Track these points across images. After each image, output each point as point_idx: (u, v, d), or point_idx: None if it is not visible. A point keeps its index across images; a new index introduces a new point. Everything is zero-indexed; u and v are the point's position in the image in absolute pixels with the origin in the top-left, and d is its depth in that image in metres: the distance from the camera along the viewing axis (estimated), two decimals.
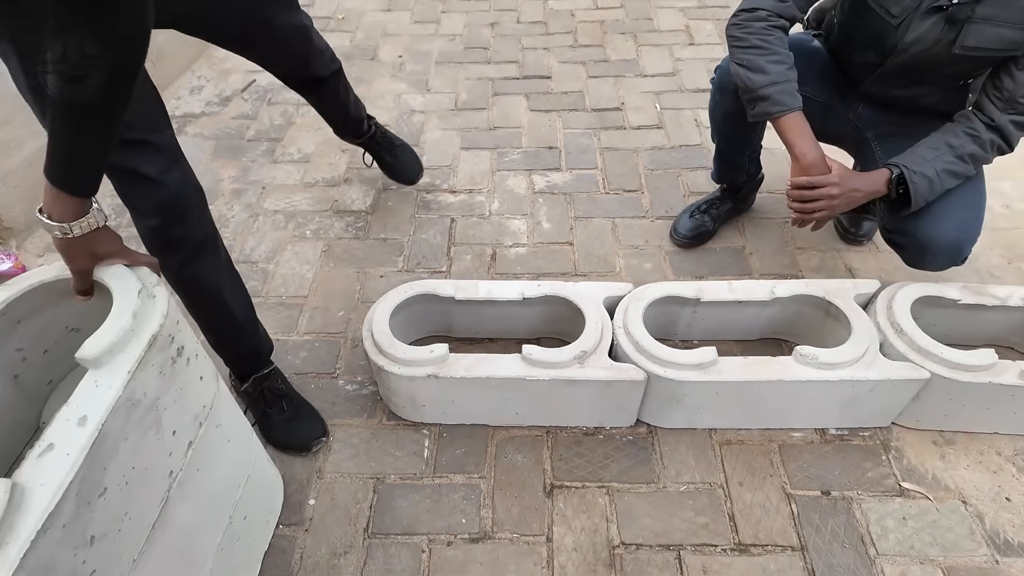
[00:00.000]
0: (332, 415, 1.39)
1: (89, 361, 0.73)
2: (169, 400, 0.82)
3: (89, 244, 0.80)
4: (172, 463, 0.85)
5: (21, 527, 0.61)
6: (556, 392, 1.26)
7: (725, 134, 1.56)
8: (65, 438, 0.68)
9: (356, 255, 1.75)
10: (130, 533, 0.78)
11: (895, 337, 1.27)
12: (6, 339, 0.89)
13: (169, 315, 0.81)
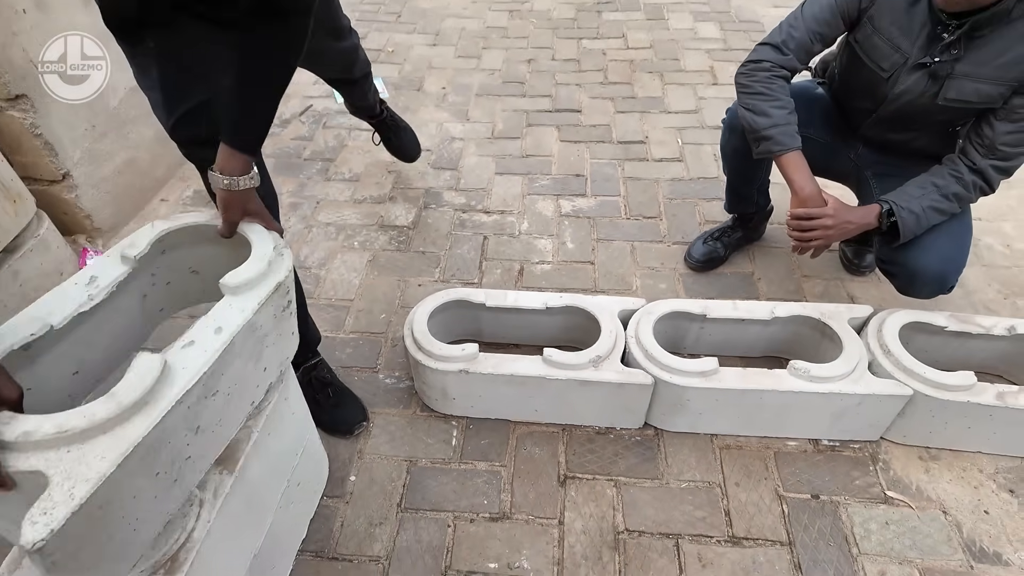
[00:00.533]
0: (372, 404, 1.56)
1: (229, 288, 0.89)
2: (271, 340, 0.98)
3: (244, 200, 0.98)
4: (256, 394, 1.01)
5: (164, 395, 0.75)
6: (572, 391, 1.41)
7: (735, 168, 1.72)
8: (204, 339, 0.83)
9: (398, 265, 1.94)
10: (217, 439, 0.92)
11: (883, 357, 1.40)
12: (150, 263, 1.02)
13: (291, 273, 0.97)
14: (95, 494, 0.67)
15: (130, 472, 0.72)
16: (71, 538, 0.66)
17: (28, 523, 0.62)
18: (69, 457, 0.68)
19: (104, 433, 0.71)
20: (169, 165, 2.25)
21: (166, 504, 0.84)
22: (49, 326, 0.86)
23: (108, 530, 0.73)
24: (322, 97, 2.75)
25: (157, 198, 2.19)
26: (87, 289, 0.92)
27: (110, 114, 1.94)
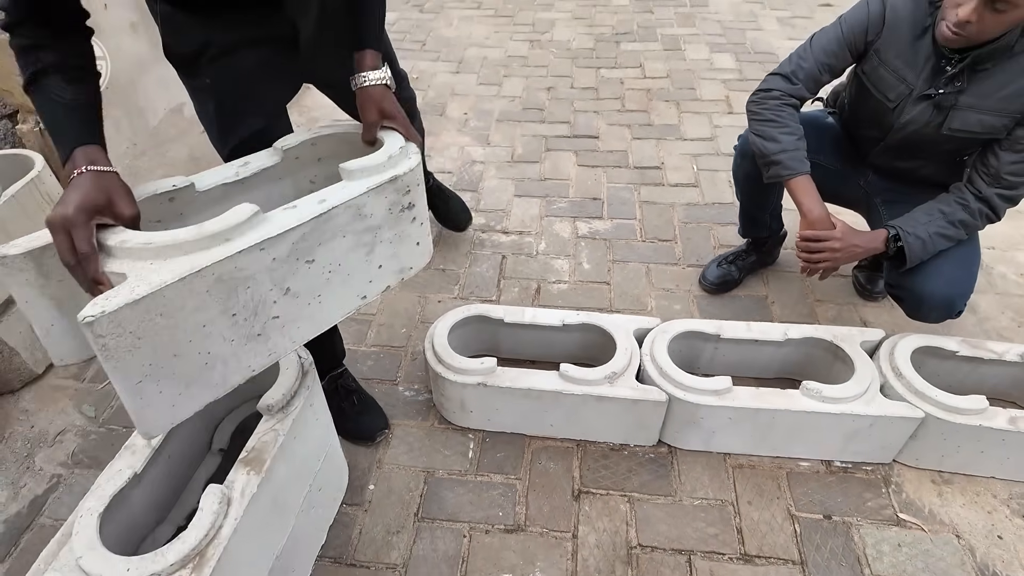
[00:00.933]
0: (391, 416, 1.61)
1: (345, 172, 0.94)
2: (386, 236, 0.99)
3: (380, 97, 1.04)
4: (367, 288, 1.01)
5: (247, 236, 0.80)
6: (587, 407, 1.45)
7: (747, 193, 1.77)
8: (305, 206, 0.87)
9: (418, 282, 2.00)
10: (315, 314, 0.95)
11: (894, 380, 1.42)
12: (308, 167, 1.11)
13: (413, 174, 0.98)
14: (152, 297, 0.72)
15: (197, 295, 0.77)
16: (127, 331, 0.72)
17: (90, 304, 0.70)
18: (149, 268, 0.75)
19: (184, 254, 0.77)
20: None
21: (245, 356, 0.88)
22: (191, 183, 0.97)
23: (174, 348, 0.78)
24: None
25: None
26: (237, 167, 1.03)
27: (150, 133, 2.04)
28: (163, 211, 0.96)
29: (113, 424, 1.59)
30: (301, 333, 0.95)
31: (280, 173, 1.07)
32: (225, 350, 0.84)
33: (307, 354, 1.24)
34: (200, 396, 0.85)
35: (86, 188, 0.78)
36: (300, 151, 1.08)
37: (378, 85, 1.05)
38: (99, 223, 0.79)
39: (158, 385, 0.79)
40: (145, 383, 0.77)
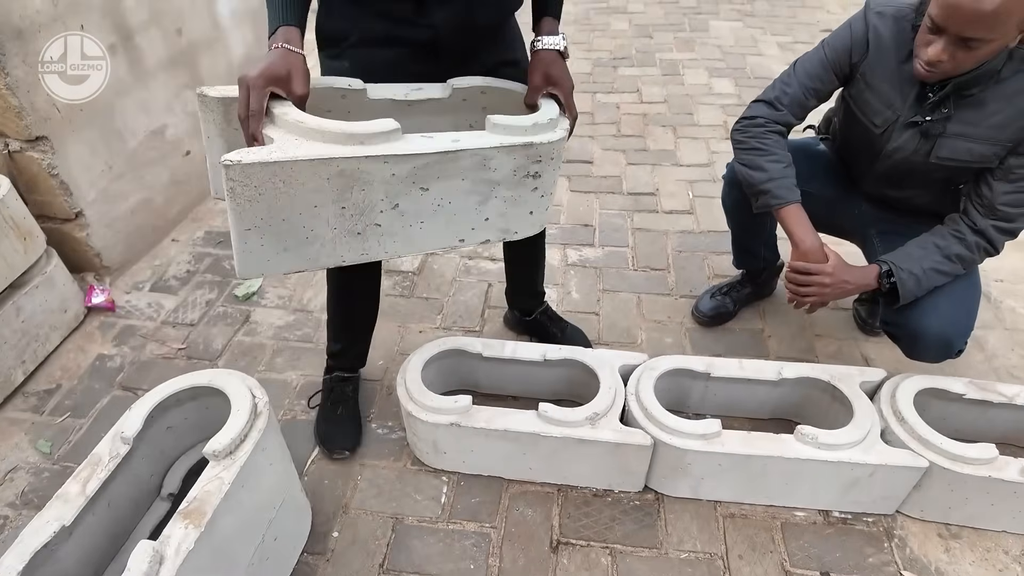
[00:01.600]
0: (362, 455, 1.52)
1: (489, 123, 0.98)
2: (502, 193, 1.03)
3: (548, 62, 1.10)
4: (467, 234, 1.07)
5: (375, 146, 0.88)
6: (567, 450, 1.35)
7: (738, 223, 1.69)
8: (439, 140, 0.93)
9: (400, 310, 1.93)
10: (413, 235, 1.01)
11: (896, 425, 1.33)
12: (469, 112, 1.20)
13: (551, 146, 1.01)
14: (282, 165, 0.83)
15: (318, 178, 0.87)
16: (252, 184, 0.83)
17: (233, 152, 0.81)
18: (292, 142, 0.86)
19: (323, 142, 0.87)
20: (183, 207, 2.29)
21: (340, 246, 0.97)
22: (364, 89, 1.08)
23: (285, 213, 0.89)
24: None
25: (168, 238, 2.22)
26: (409, 89, 1.12)
27: (128, 155, 1.99)
28: (334, 103, 1.07)
29: (69, 461, 1.50)
30: (395, 247, 1.02)
31: (444, 109, 1.14)
32: (326, 233, 0.93)
33: (262, 393, 1.17)
34: (291, 262, 0.96)
35: (273, 60, 0.91)
36: (468, 94, 1.14)
37: (551, 50, 1.09)
38: (274, 92, 0.91)
39: (261, 239, 0.90)
40: (252, 232, 0.89)
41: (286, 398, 1.66)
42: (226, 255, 2.14)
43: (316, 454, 1.53)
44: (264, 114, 0.90)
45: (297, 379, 1.71)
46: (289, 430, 1.57)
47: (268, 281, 2.04)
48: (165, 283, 2.03)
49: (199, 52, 2.26)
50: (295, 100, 0.93)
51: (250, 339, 1.83)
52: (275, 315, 1.91)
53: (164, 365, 1.75)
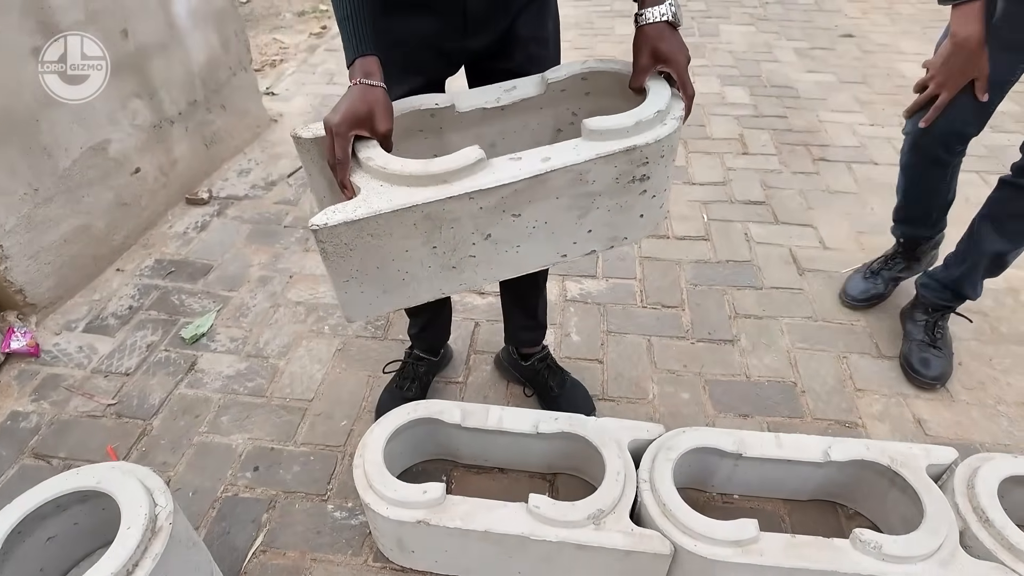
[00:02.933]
0: (315, 546, 1.24)
1: (585, 129, 0.87)
2: (605, 203, 0.91)
3: (655, 36, 0.93)
4: (570, 249, 0.96)
5: (461, 183, 0.83)
6: (565, 556, 1.08)
7: (917, 181, 1.57)
8: (527, 162, 0.85)
9: (371, 356, 1.66)
10: (510, 260, 0.94)
11: (979, 527, 1.06)
12: (573, 99, 1.07)
13: (659, 144, 0.88)
14: (367, 220, 0.80)
15: (405, 226, 0.83)
16: (341, 242, 0.81)
17: (318, 215, 0.80)
18: (378, 188, 0.84)
19: (407, 185, 0.84)
20: (131, 232, 2.02)
21: (437, 281, 0.93)
22: (452, 104, 1.00)
23: (378, 261, 0.87)
24: None
25: (113, 267, 1.95)
26: (499, 92, 1.02)
27: (59, 176, 1.72)
28: (425, 123, 1.02)
29: None
30: (493, 274, 0.97)
31: (542, 103, 1.05)
32: (421, 273, 0.91)
33: (167, 499, 0.90)
34: (393, 302, 0.95)
35: (353, 100, 0.87)
36: (568, 84, 1.04)
37: (657, 23, 0.94)
38: (358, 134, 0.88)
39: (361, 286, 0.89)
40: (351, 282, 0.88)
41: (229, 468, 1.39)
42: (176, 288, 1.88)
43: (260, 543, 1.25)
44: (351, 159, 0.88)
45: (244, 444, 1.44)
46: (228, 511, 1.30)
47: (220, 320, 1.77)
48: (102, 322, 1.76)
49: (150, 57, 2.00)
50: (380, 137, 0.89)
51: (193, 392, 1.56)
52: (225, 362, 1.64)
53: (88, 425, 1.48)
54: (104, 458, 1.40)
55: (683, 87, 0.94)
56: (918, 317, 1.62)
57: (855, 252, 1.97)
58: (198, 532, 1.27)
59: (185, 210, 2.22)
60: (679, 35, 0.95)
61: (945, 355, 1.56)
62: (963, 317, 1.65)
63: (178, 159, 2.19)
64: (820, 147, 2.56)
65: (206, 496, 1.33)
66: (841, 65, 3.25)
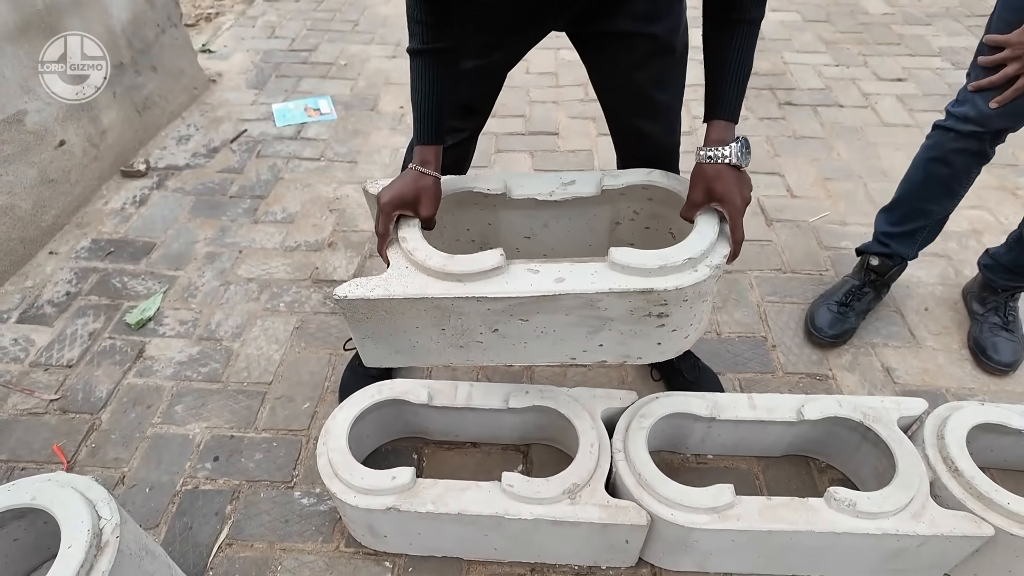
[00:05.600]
0: (283, 536, 1.20)
1: (609, 260, 0.88)
2: (619, 327, 0.92)
3: (714, 175, 0.91)
4: (579, 354, 0.98)
5: (474, 286, 0.87)
6: (541, 532, 1.06)
7: (930, 185, 1.42)
8: (541, 279, 0.87)
9: (331, 332, 1.58)
10: (518, 351, 0.97)
11: (948, 477, 1.06)
12: (633, 198, 1.09)
13: (680, 292, 0.86)
14: (382, 301, 0.88)
15: (416, 310, 0.89)
16: (359, 311, 0.90)
17: (343, 286, 0.89)
18: (404, 269, 0.91)
19: (426, 275, 0.89)
20: (62, 210, 1.87)
21: (446, 353, 0.98)
22: (504, 193, 1.04)
23: (392, 330, 0.93)
24: (259, 120, 2.38)
25: (45, 251, 1.81)
26: (556, 186, 1.04)
27: None
28: (479, 199, 1.06)
29: None
30: (501, 359, 0.99)
31: (600, 200, 1.06)
32: (430, 345, 0.96)
33: (112, 510, 0.83)
34: (404, 361, 1.01)
35: (404, 184, 0.94)
36: (627, 190, 1.05)
37: (718, 164, 0.90)
38: (402, 214, 0.95)
39: (376, 345, 0.97)
40: (367, 340, 0.96)
41: (187, 460, 1.32)
42: (116, 269, 1.75)
43: (226, 536, 1.20)
44: (390, 235, 0.95)
45: (201, 434, 1.37)
46: (189, 505, 1.24)
47: (167, 302, 1.66)
48: (37, 311, 1.64)
49: (62, 15, 1.80)
50: (423, 221, 0.95)
51: (143, 381, 1.47)
52: (175, 347, 1.55)
53: (30, 424, 1.38)
54: (50, 458, 1.32)
55: (732, 230, 0.91)
56: (987, 298, 1.54)
57: (822, 200, 1.94)
58: (157, 530, 1.21)
59: (121, 184, 2.06)
60: (742, 175, 0.92)
61: (1017, 338, 1.49)
62: None
63: (107, 128, 2.01)
64: (786, 91, 2.51)
65: (164, 491, 1.27)
66: (805, 3, 3.16)
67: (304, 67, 2.72)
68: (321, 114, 2.41)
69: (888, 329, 1.58)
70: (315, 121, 2.38)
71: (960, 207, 1.48)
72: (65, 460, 1.31)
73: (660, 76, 1.07)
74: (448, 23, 0.92)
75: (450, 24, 0.92)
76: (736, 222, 0.91)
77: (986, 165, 1.35)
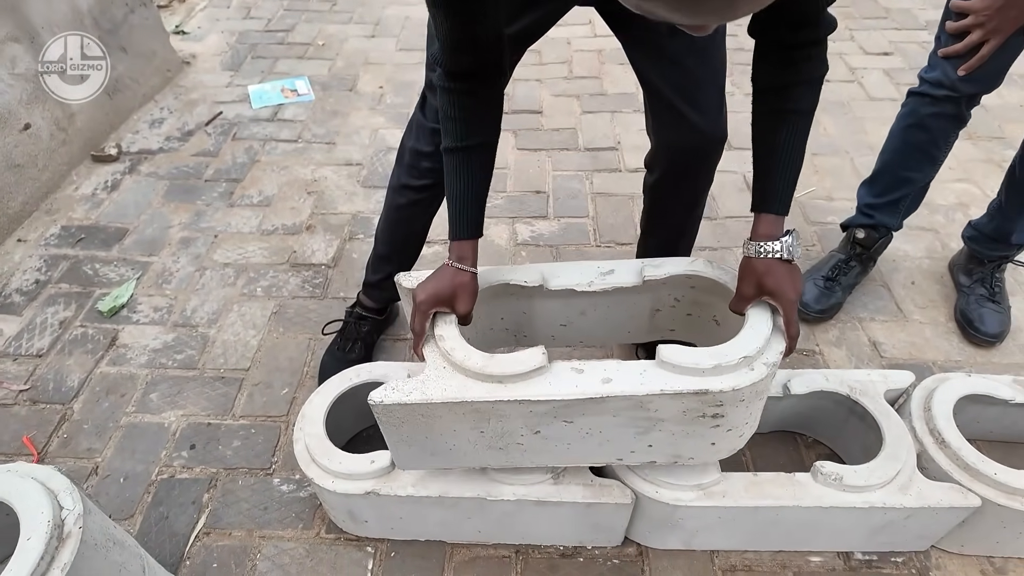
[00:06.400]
0: (263, 523, 1.17)
1: (658, 359, 0.82)
2: (670, 428, 0.86)
3: (764, 270, 0.86)
4: (625, 454, 0.93)
5: (514, 388, 0.82)
6: (525, 513, 1.04)
7: (908, 143, 1.39)
8: (587, 380, 0.82)
9: (310, 317, 1.55)
10: (561, 452, 0.92)
11: (935, 449, 1.05)
12: (675, 286, 1.03)
13: (736, 393, 0.80)
14: (419, 405, 0.83)
15: (454, 414, 0.84)
16: (394, 416, 0.86)
17: (378, 390, 0.85)
18: (440, 369, 0.86)
19: (464, 375, 0.84)
20: (30, 196, 1.81)
21: (483, 455, 0.94)
22: (541, 285, 0.99)
23: (428, 433, 0.89)
24: (235, 102, 2.32)
25: (13, 238, 1.75)
26: (595, 276, 1.00)
27: None
28: (517, 289, 1.01)
29: None
30: (541, 460, 0.95)
31: (640, 288, 1.01)
32: (467, 448, 0.92)
33: (75, 500, 0.80)
34: (439, 463, 0.97)
35: (441, 281, 0.90)
36: (670, 280, 1.00)
37: (768, 259, 0.86)
38: (438, 311, 0.91)
39: (410, 448, 0.93)
40: (402, 443, 0.92)
41: (162, 449, 1.29)
42: (88, 256, 1.70)
43: (203, 525, 1.17)
44: (426, 333, 0.91)
45: (177, 422, 1.33)
46: (165, 495, 1.21)
47: (141, 289, 1.62)
48: (6, 300, 1.59)
49: None
50: (459, 317, 0.92)
51: (116, 370, 1.43)
52: (150, 334, 1.51)
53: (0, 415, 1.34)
54: (20, 450, 1.28)
55: (787, 325, 0.86)
56: (973, 270, 1.52)
57: (809, 175, 1.92)
58: (132, 521, 1.18)
59: (92, 169, 2.00)
60: (793, 267, 0.87)
61: (1004, 309, 1.47)
62: (1021, 265, 1.55)
63: (76, 112, 1.95)
64: None
65: (139, 481, 1.23)
66: None
67: (281, 48, 2.65)
68: (298, 95, 2.35)
69: (875, 303, 1.56)
70: (292, 102, 2.32)
71: (946, 180, 1.47)
72: (36, 451, 1.27)
73: (693, 43, 0.96)
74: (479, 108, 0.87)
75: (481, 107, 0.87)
76: (790, 317, 0.86)
77: (972, 139, 1.34)
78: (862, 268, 1.55)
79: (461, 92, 0.85)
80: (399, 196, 1.26)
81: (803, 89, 0.85)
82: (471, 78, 0.84)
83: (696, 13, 0.50)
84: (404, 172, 1.23)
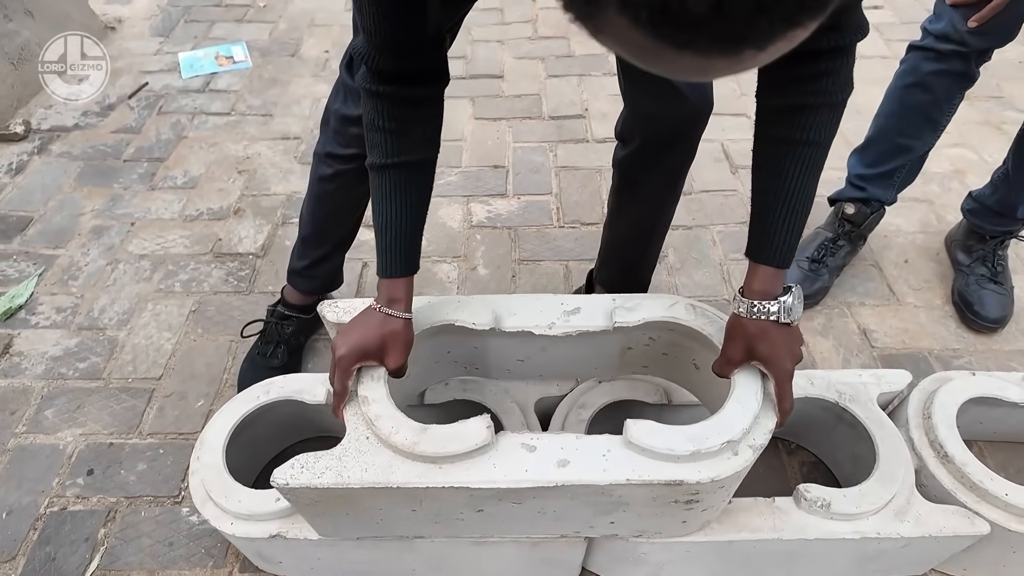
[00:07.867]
0: (167, 562, 1.02)
1: (626, 430, 0.70)
2: (637, 511, 0.76)
3: (757, 333, 0.74)
4: (583, 529, 0.82)
5: (467, 472, 0.70)
6: (459, 553, 0.89)
7: (908, 107, 1.24)
8: (541, 465, 0.69)
9: (233, 315, 1.37)
10: (505, 529, 0.82)
11: (936, 464, 0.91)
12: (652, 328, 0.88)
13: (714, 483, 0.70)
14: (335, 489, 0.70)
15: (379, 498, 0.73)
16: (311, 498, 0.73)
17: (284, 467, 0.71)
18: (364, 440, 0.74)
19: (392, 452, 0.72)
20: None
21: (420, 527, 0.82)
22: (493, 328, 0.85)
23: (348, 511, 0.77)
24: (164, 72, 2.09)
25: None
26: (557, 316, 0.87)
27: None
28: (461, 330, 0.86)
29: None
30: (480, 532, 0.83)
31: (612, 332, 0.86)
32: (399, 520, 0.80)
33: None
34: (367, 532, 0.84)
35: (366, 331, 0.75)
36: (647, 327, 0.86)
37: (762, 320, 0.71)
38: (364, 365, 0.77)
39: (330, 522, 0.81)
40: (318, 519, 0.81)
41: (55, 476, 1.12)
42: None
43: (96, 566, 1.02)
44: (348, 393, 0.77)
45: (75, 442, 1.16)
46: (54, 531, 1.05)
47: (43, 287, 1.43)
48: None
49: None
50: (390, 372, 0.77)
51: (8, 382, 1.25)
52: (49, 339, 1.32)
53: None
54: None
55: (780, 399, 0.74)
56: (973, 246, 1.37)
57: None
58: (13, 564, 1.01)
59: None
60: (792, 331, 0.74)
61: (1006, 291, 1.34)
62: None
63: None
64: None
65: (24, 515, 1.07)
66: None
67: (218, 10, 2.40)
68: (234, 63, 2.13)
69: (865, 286, 1.41)
70: (227, 71, 2.09)
71: (940, 145, 1.31)
72: None
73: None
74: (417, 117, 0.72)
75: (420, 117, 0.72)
76: (784, 390, 0.74)
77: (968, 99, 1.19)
78: (851, 247, 1.40)
79: (394, 98, 0.70)
80: (323, 166, 1.08)
81: (821, 113, 0.68)
82: (407, 81, 0.69)
83: (670, 73, 0.39)
84: (329, 139, 1.04)
